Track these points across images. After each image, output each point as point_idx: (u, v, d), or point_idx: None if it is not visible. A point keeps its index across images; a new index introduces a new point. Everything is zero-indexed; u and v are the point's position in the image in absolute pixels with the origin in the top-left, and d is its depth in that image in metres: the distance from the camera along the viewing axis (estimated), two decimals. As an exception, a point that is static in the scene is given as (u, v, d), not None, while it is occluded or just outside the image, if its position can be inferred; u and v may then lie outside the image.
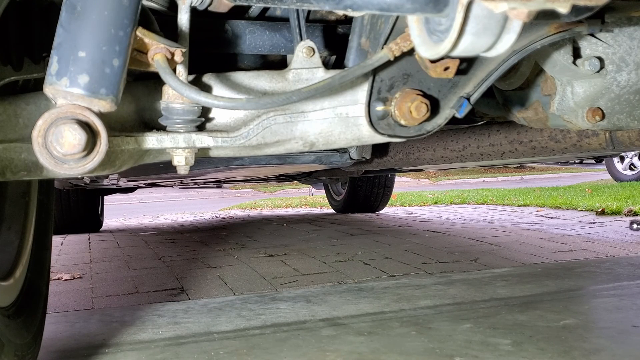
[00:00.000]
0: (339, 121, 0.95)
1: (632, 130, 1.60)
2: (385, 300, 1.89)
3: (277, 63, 1.20)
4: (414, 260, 2.73)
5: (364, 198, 5.31)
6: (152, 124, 0.91)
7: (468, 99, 0.96)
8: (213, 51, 1.09)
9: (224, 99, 0.81)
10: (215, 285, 2.33)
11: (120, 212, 8.49)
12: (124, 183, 3.59)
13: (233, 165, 2.15)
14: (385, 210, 5.73)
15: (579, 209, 4.87)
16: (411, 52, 0.85)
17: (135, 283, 2.44)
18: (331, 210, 6.13)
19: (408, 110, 0.92)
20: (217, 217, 6.50)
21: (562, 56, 1.08)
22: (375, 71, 0.92)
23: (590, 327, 1.53)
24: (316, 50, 0.94)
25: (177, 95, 0.85)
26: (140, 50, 0.79)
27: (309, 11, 1.08)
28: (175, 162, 0.89)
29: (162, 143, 0.87)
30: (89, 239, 4.23)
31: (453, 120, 1.03)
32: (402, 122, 0.94)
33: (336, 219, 5.01)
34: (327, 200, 6.26)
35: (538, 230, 3.70)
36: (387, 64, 0.89)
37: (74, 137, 0.72)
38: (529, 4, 0.59)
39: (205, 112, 0.92)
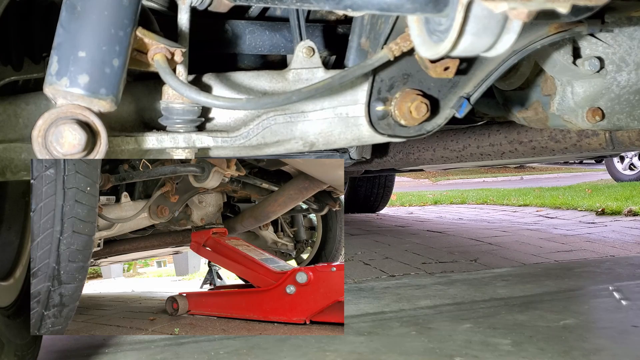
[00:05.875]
0: (339, 121, 0.95)
1: (632, 130, 1.60)
2: (385, 300, 1.89)
3: (277, 63, 1.20)
4: (414, 260, 2.73)
5: (364, 198, 5.30)
6: (152, 124, 0.91)
7: (468, 99, 0.96)
8: (213, 51, 1.09)
9: (223, 99, 0.80)
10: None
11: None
12: None
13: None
14: (385, 210, 5.73)
15: (579, 209, 4.87)
16: (411, 52, 0.85)
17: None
18: (331, 210, 6.11)
19: (408, 110, 0.92)
20: None
21: (562, 56, 1.08)
22: (375, 71, 0.92)
23: (590, 327, 1.53)
24: (316, 50, 0.94)
25: (177, 95, 0.85)
26: (140, 50, 0.79)
27: (309, 11, 1.08)
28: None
29: (162, 143, 0.86)
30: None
31: (453, 120, 1.03)
32: (402, 122, 0.94)
33: (336, 219, 5.00)
34: (327, 200, 6.24)
35: (538, 230, 3.70)
36: (387, 64, 0.89)
37: (74, 137, 0.72)
38: (529, 4, 0.59)
39: (205, 112, 0.92)
